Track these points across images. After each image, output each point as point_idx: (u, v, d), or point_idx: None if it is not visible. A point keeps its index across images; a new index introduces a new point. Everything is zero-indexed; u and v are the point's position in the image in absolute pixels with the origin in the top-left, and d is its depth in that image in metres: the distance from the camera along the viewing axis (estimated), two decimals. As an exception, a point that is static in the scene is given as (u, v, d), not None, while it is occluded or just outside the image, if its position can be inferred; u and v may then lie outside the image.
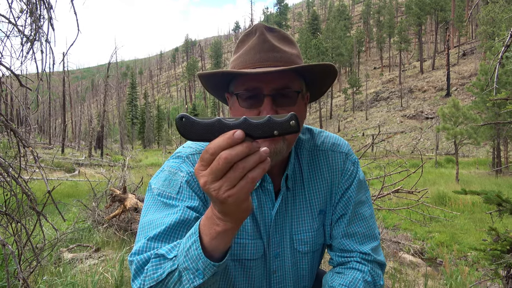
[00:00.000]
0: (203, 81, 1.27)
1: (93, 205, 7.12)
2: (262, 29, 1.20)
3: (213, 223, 0.86)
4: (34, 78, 2.68)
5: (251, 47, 1.19)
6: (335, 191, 1.37)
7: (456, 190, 3.29)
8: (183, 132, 0.78)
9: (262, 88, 1.15)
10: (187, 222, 1.09)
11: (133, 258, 1.04)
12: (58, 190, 10.11)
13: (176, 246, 0.99)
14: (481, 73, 21.37)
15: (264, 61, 1.16)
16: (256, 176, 0.75)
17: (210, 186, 0.76)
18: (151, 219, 1.12)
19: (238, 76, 1.18)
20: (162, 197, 1.17)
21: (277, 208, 1.29)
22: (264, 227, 1.28)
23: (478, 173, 22.87)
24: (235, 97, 1.20)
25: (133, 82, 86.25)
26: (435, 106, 53.15)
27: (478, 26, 57.49)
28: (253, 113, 1.16)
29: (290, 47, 1.24)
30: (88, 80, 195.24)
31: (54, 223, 4.45)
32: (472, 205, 11.80)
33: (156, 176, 1.26)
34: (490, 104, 17.76)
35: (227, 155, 0.73)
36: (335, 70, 1.21)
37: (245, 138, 0.74)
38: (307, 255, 1.35)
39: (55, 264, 4.56)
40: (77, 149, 41.12)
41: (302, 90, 1.23)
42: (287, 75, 1.17)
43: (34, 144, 3.36)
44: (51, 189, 2.71)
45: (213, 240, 0.87)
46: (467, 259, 6.90)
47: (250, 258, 1.26)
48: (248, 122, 0.76)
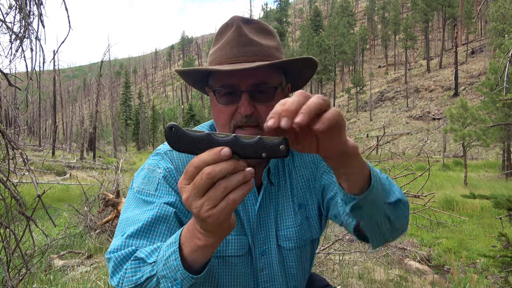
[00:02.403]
0: (183, 77, 1.31)
1: (85, 209, 7.12)
2: (239, 22, 1.23)
3: (194, 236, 0.88)
4: (24, 77, 2.68)
5: (227, 41, 1.22)
6: (318, 177, 1.38)
7: (465, 194, 3.30)
8: (171, 143, 0.79)
9: (238, 84, 1.18)
10: (164, 218, 1.13)
11: (111, 255, 1.07)
12: (48, 194, 10.10)
13: (156, 251, 1.01)
14: (490, 72, 21.39)
15: (240, 56, 1.19)
16: (237, 198, 0.77)
17: (192, 203, 0.78)
18: (129, 216, 1.17)
19: (215, 72, 1.21)
20: (141, 195, 1.21)
21: (260, 203, 1.31)
22: (247, 222, 1.30)
23: (487, 176, 22.88)
24: (213, 93, 1.23)
25: (127, 81, 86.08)
26: (442, 107, 53.19)
27: (487, 22, 57.67)
28: (231, 109, 1.20)
29: (268, 40, 1.26)
30: (80, 79, 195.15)
31: (44, 228, 4.45)
32: (481, 210, 11.82)
33: (137, 174, 1.30)
34: (500, 105, 17.78)
35: (210, 171, 0.75)
36: (315, 62, 1.22)
37: (232, 156, 0.76)
38: (293, 252, 1.35)
39: (45, 272, 4.56)
40: (68, 151, 41.10)
41: (281, 84, 1.25)
42: (265, 70, 1.19)
43: (23, 146, 3.35)
44: (41, 193, 2.72)
45: (193, 252, 0.90)
46: (476, 266, 6.91)
47: (234, 254, 1.26)
48: (237, 141, 0.78)
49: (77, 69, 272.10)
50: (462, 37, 79.41)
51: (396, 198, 1.13)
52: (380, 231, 1.12)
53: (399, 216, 1.15)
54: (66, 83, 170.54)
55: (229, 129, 1.22)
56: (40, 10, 2.51)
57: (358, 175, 0.95)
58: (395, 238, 1.22)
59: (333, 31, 75.59)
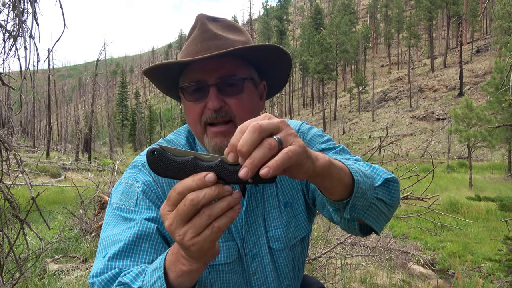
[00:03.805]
0: (154, 82, 1.30)
1: (81, 212, 7.12)
2: (204, 19, 1.23)
3: (179, 262, 0.87)
4: (17, 76, 2.68)
5: (193, 38, 1.22)
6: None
7: (470, 196, 3.31)
8: (154, 168, 0.77)
9: (205, 79, 1.17)
10: (146, 235, 1.11)
11: (95, 280, 1.04)
12: (42, 196, 10.10)
13: (142, 274, 0.99)
14: (496, 71, 21.40)
15: (205, 50, 1.18)
16: (222, 226, 0.76)
17: (175, 230, 0.77)
18: (109, 235, 1.14)
19: (183, 70, 1.21)
20: (120, 211, 1.19)
21: (246, 205, 1.30)
22: (235, 227, 1.29)
23: (493, 178, 22.89)
24: (182, 93, 1.23)
25: (123, 81, 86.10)
26: (446, 107, 53.26)
27: (493, 20, 57.70)
28: (200, 106, 1.19)
29: (236, 35, 1.26)
30: (75, 78, 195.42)
31: (38, 232, 4.44)
32: (486, 213, 11.82)
33: (115, 189, 1.27)
34: (506, 105, 17.78)
35: (193, 197, 0.73)
36: (284, 52, 1.21)
37: (218, 181, 0.75)
38: (283, 252, 1.34)
39: (39, 276, 4.55)
40: (63, 152, 41.08)
41: (252, 78, 1.24)
42: (230, 62, 1.18)
43: (17, 147, 3.34)
44: (35, 196, 2.72)
45: (179, 277, 0.89)
46: (481, 270, 6.92)
47: (224, 262, 1.25)
48: (223, 166, 0.76)
49: (72, 68, 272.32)
50: (467, 36, 79.52)
51: (383, 179, 1.13)
52: (380, 214, 1.13)
53: (392, 194, 1.16)
54: (61, 82, 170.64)
55: (200, 127, 1.21)
56: (34, 8, 2.51)
57: (338, 186, 0.96)
58: (393, 214, 1.24)
59: (335, 29, 75.66)
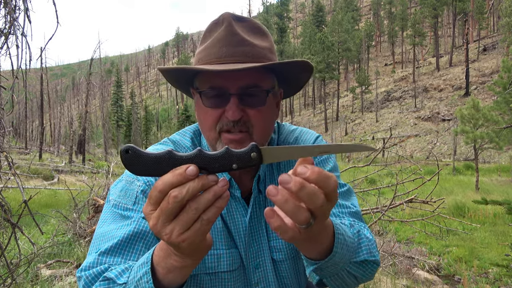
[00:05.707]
0: (166, 76, 1.28)
1: (74, 216, 7.11)
2: (230, 19, 1.19)
3: (169, 257, 0.86)
4: (9, 75, 2.69)
5: (217, 39, 1.18)
6: None
7: (476, 200, 3.31)
8: (129, 167, 0.75)
9: (227, 86, 1.14)
10: (141, 234, 1.11)
11: (82, 274, 1.04)
12: (35, 199, 10.08)
13: (128, 270, 0.99)
14: (503, 70, 21.39)
15: (230, 56, 1.15)
16: (211, 217, 0.74)
17: (160, 230, 0.75)
18: (104, 231, 1.14)
19: (202, 72, 1.18)
20: (118, 209, 1.19)
21: (250, 214, 1.30)
22: (238, 235, 1.29)
23: (500, 180, 22.87)
24: (198, 94, 1.20)
25: (119, 80, 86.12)
26: (452, 107, 53.29)
27: (500, 18, 57.79)
28: (218, 112, 1.17)
29: (261, 40, 1.23)
30: (68, 78, 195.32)
31: (30, 236, 4.44)
32: (493, 217, 11.82)
33: (114, 186, 1.27)
34: (514, 105, 17.79)
35: (176, 194, 0.72)
36: (311, 66, 1.20)
37: (200, 172, 0.73)
38: (285, 263, 1.34)
39: (32, 282, 4.55)
40: (56, 154, 41.06)
41: (273, 88, 1.23)
42: (256, 72, 1.15)
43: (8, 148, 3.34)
44: (27, 199, 2.72)
45: (169, 273, 0.87)
46: (488, 276, 6.91)
47: (227, 270, 1.25)
48: (203, 155, 0.75)
49: (66, 67, 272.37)
50: (473, 33, 79.60)
51: (363, 258, 1.13)
52: (344, 285, 1.14)
53: (366, 274, 1.17)
54: (54, 82, 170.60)
55: (214, 134, 1.19)
56: (26, 5, 2.51)
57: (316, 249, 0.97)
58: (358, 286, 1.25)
59: (337, 27, 75.74)
